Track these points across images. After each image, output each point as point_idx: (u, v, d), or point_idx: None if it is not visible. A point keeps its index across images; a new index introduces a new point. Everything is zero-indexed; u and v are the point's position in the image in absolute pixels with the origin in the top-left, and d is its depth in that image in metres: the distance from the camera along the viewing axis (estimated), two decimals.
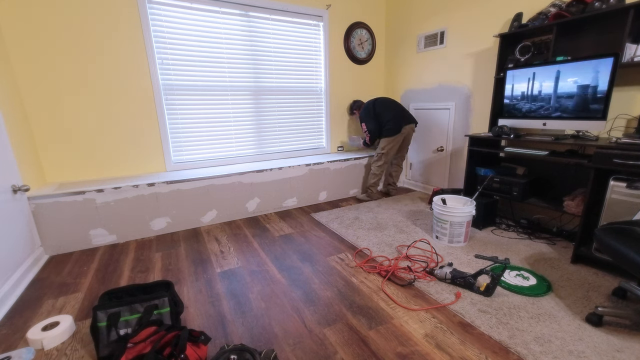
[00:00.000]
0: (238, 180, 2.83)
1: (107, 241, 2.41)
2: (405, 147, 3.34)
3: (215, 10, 2.84)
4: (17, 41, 2.23)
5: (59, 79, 2.39)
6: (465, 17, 2.88)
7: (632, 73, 1.95)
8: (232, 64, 3.01)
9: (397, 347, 1.32)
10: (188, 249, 2.31)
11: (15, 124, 2.12)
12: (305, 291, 1.74)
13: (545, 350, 1.27)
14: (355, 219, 2.79)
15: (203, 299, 1.69)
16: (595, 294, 1.63)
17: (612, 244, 1.26)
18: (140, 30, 2.57)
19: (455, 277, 1.73)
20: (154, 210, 2.52)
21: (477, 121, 2.94)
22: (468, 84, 2.97)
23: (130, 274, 1.98)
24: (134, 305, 1.30)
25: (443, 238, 2.25)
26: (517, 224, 2.58)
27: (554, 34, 2.11)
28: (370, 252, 2.17)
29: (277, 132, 3.43)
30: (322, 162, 3.23)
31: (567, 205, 2.10)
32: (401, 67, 3.71)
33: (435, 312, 1.54)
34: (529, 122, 2.28)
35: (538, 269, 1.90)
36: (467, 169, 2.66)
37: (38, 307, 1.65)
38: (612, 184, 1.71)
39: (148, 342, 1.20)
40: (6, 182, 1.86)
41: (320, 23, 3.41)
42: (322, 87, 3.59)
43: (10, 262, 1.77)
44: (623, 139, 1.74)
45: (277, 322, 1.50)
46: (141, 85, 2.66)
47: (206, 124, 3.01)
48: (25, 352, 1.31)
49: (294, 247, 2.31)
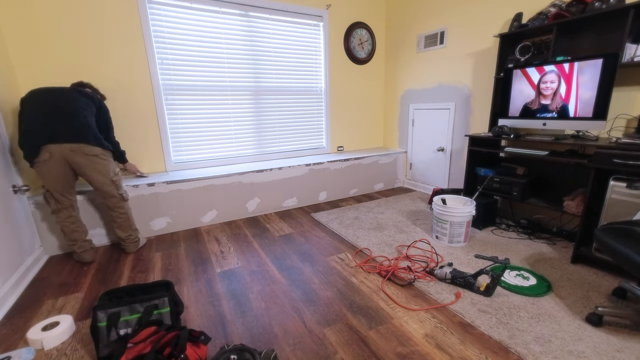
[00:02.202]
0: (238, 180, 2.83)
1: (107, 241, 2.41)
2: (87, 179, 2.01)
3: (215, 10, 2.84)
4: (16, 41, 2.22)
5: (59, 78, 2.38)
6: (465, 17, 2.88)
7: (632, 73, 1.95)
8: (232, 64, 3.01)
9: (397, 347, 1.32)
10: (188, 249, 2.31)
11: (15, 124, 2.12)
12: (305, 291, 1.74)
13: (545, 350, 1.27)
14: (355, 219, 2.79)
15: (203, 299, 1.69)
16: (595, 294, 1.63)
17: (612, 244, 1.26)
18: (140, 30, 2.57)
19: (455, 277, 1.73)
20: (154, 210, 2.52)
21: (477, 121, 2.94)
22: (468, 84, 2.97)
23: (130, 274, 1.98)
24: (134, 305, 1.30)
25: (443, 238, 2.25)
26: (517, 224, 2.58)
27: (554, 34, 2.11)
28: (370, 252, 2.17)
29: (277, 132, 3.43)
30: (322, 162, 3.23)
31: (567, 205, 2.10)
32: (401, 67, 3.71)
33: (435, 312, 1.54)
34: (529, 122, 2.28)
35: (538, 269, 1.90)
36: (467, 169, 2.66)
37: (38, 307, 1.65)
38: (612, 184, 1.71)
39: (148, 342, 1.20)
40: (6, 182, 1.86)
41: (320, 23, 3.41)
42: (322, 87, 3.59)
43: (10, 262, 1.77)
44: (623, 139, 1.74)
45: (277, 322, 1.50)
46: (141, 85, 2.66)
47: (206, 124, 3.01)
48: (25, 352, 1.31)
49: (294, 247, 2.31)
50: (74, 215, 2.07)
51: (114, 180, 2.09)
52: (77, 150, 1.91)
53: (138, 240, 2.28)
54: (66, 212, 2.03)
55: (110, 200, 2.10)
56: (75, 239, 2.08)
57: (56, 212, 2.01)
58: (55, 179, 1.93)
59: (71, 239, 2.07)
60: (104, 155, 2.03)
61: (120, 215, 2.16)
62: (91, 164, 1.97)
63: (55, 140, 1.86)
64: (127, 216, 2.19)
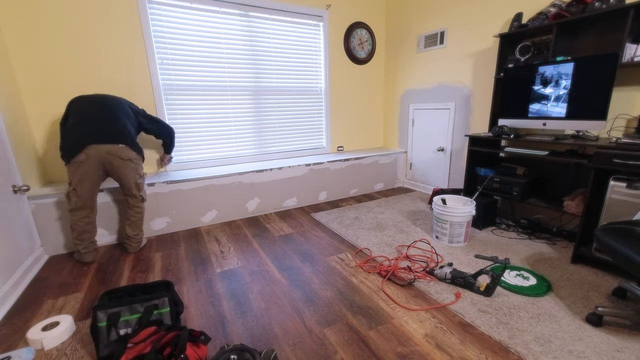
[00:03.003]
0: (238, 180, 2.83)
1: (107, 241, 2.41)
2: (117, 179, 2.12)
3: (215, 10, 2.84)
4: (16, 41, 2.22)
5: (59, 78, 2.39)
6: (465, 17, 2.88)
7: (632, 73, 1.95)
8: (232, 64, 3.01)
9: (397, 347, 1.32)
10: (188, 249, 2.31)
11: (15, 124, 2.13)
12: (305, 291, 1.74)
13: (545, 350, 1.27)
14: (355, 219, 2.79)
15: (203, 299, 1.69)
16: (595, 294, 1.63)
17: (612, 244, 1.26)
18: (140, 30, 2.57)
19: (455, 277, 1.73)
20: (154, 210, 2.52)
21: (477, 121, 2.94)
22: (468, 84, 2.97)
23: (130, 274, 1.98)
24: (134, 305, 1.30)
25: (443, 238, 2.25)
26: (517, 224, 2.58)
27: (554, 34, 2.11)
28: (370, 252, 2.17)
29: (277, 132, 3.43)
30: (322, 162, 3.23)
31: (567, 205, 2.10)
32: (401, 67, 3.71)
33: (435, 312, 1.54)
34: (529, 122, 2.28)
35: (538, 269, 1.90)
36: (467, 169, 2.66)
37: (38, 307, 1.65)
38: (612, 184, 1.71)
39: (148, 342, 1.20)
40: (6, 182, 1.86)
41: (320, 23, 3.41)
42: (322, 87, 3.59)
43: (10, 262, 1.77)
44: (623, 139, 1.74)
45: (277, 322, 1.50)
46: (141, 85, 2.66)
47: (206, 124, 3.01)
48: (25, 352, 1.31)
49: (294, 247, 2.31)
50: (90, 217, 2.11)
51: (138, 183, 2.20)
52: (114, 152, 2.03)
53: (141, 241, 2.31)
54: (84, 212, 2.07)
55: (132, 199, 2.21)
56: (84, 239, 2.10)
57: (74, 211, 2.05)
58: (86, 180, 2.01)
59: (79, 239, 2.09)
60: (137, 160, 2.17)
61: (136, 214, 2.24)
62: (124, 166, 2.09)
63: (95, 141, 1.98)
64: (141, 216, 2.27)
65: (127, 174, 2.11)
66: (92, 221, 2.12)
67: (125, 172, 2.10)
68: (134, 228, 2.24)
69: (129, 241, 2.25)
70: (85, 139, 1.96)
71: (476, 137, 2.54)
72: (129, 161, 2.10)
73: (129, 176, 2.13)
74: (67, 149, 1.96)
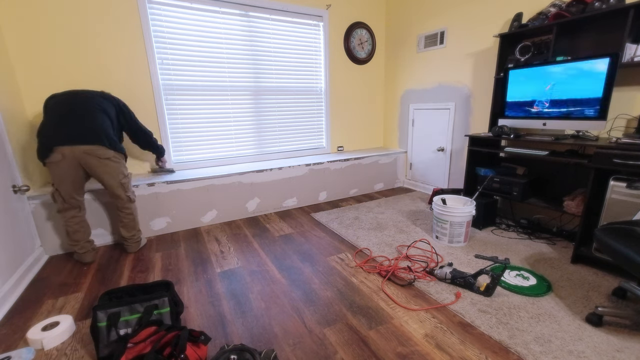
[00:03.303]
0: (238, 180, 2.83)
1: (107, 241, 2.41)
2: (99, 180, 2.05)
3: (215, 10, 2.84)
4: (16, 41, 2.22)
5: (59, 78, 2.39)
6: (465, 17, 2.88)
7: (632, 73, 1.95)
8: (232, 64, 3.01)
9: (397, 347, 1.32)
10: (188, 249, 2.31)
11: (15, 124, 2.12)
12: (305, 291, 1.74)
13: (545, 350, 1.27)
14: (355, 219, 2.79)
15: (203, 299, 1.69)
16: (595, 294, 1.63)
17: (612, 244, 1.26)
18: (140, 30, 2.57)
19: (455, 277, 1.73)
20: (154, 210, 2.52)
21: (477, 121, 2.94)
22: (468, 84, 2.97)
23: (130, 274, 1.98)
24: (134, 305, 1.30)
25: (443, 238, 2.25)
26: (517, 224, 2.58)
27: (554, 34, 2.11)
28: (370, 252, 2.17)
29: (277, 132, 3.43)
30: (322, 162, 3.23)
31: (567, 205, 2.10)
32: (401, 67, 3.71)
33: (435, 312, 1.54)
34: (529, 122, 2.28)
35: (538, 269, 1.90)
36: (467, 169, 2.66)
37: (38, 307, 1.65)
38: (612, 184, 1.71)
39: (148, 342, 1.20)
40: (6, 182, 1.86)
41: (320, 23, 3.41)
42: (322, 87, 3.59)
43: (10, 262, 1.77)
44: (623, 139, 1.74)
45: (277, 322, 1.50)
46: (141, 85, 2.66)
47: (206, 124, 3.01)
48: (25, 352, 1.31)
49: (294, 247, 2.31)
50: (79, 216, 2.07)
51: (123, 183, 2.11)
52: (90, 152, 1.94)
53: (140, 240, 2.30)
54: (72, 212, 2.04)
55: (119, 201, 2.14)
56: (78, 239, 2.08)
57: (62, 212, 2.02)
58: (65, 180, 1.95)
59: (74, 239, 2.07)
60: (116, 158, 2.06)
61: (127, 216, 2.19)
62: (103, 166, 2.00)
63: (68, 142, 1.89)
64: (132, 217, 2.21)
65: (108, 173, 2.02)
66: (82, 220, 2.09)
67: (106, 171, 2.01)
68: (128, 229, 2.22)
69: (126, 242, 2.24)
70: (52, 140, 1.88)
71: (476, 137, 2.54)
72: (108, 160, 2.00)
73: (111, 176, 2.04)
74: (38, 151, 1.90)
